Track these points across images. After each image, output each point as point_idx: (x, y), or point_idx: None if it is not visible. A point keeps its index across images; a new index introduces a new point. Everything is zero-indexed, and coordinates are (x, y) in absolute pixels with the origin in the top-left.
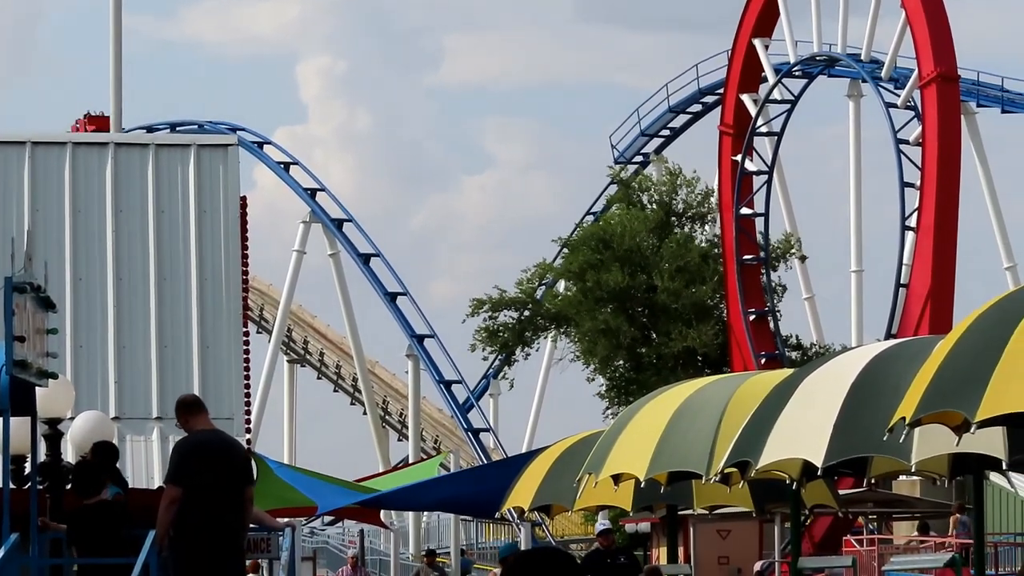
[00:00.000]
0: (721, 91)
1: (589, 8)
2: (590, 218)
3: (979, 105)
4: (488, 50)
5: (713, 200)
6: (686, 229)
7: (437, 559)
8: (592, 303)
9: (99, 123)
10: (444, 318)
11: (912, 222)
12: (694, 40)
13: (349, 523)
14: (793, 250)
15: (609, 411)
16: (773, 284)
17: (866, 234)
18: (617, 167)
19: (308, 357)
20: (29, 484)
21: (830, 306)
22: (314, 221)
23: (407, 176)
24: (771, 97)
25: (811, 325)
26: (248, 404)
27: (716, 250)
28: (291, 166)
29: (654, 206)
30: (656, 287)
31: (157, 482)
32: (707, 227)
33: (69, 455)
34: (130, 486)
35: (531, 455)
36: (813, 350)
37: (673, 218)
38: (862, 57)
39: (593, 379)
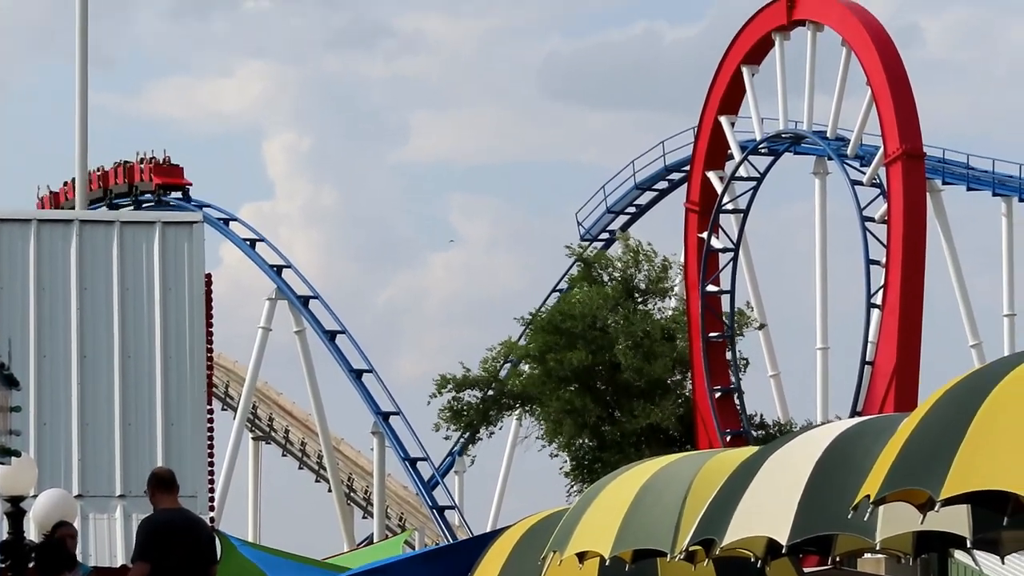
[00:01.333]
0: (687, 168)
1: (554, 86)
2: (556, 295)
3: (945, 183)
4: (454, 127)
5: (671, 274)
6: (648, 305)
7: None
8: (555, 383)
9: (168, 173)
10: (410, 395)
11: (878, 299)
12: (660, 118)
13: None
14: (751, 320)
15: (573, 488)
16: (739, 361)
17: (832, 311)
18: (577, 246)
19: (273, 434)
20: None
21: (796, 383)
22: (280, 298)
23: (373, 253)
24: (737, 174)
25: (776, 402)
26: (212, 482)
27: (674, 324)
28: (257, 243)
29: (615, 283)
30: (619, 364)
31: (120, 560)
32: (667, 301)
33: (32, 533)
34: (93, 565)
35: (496, 533)
36: (778, 427)
37: (636, 295)
38: (828, 134)
39: (557, 455)
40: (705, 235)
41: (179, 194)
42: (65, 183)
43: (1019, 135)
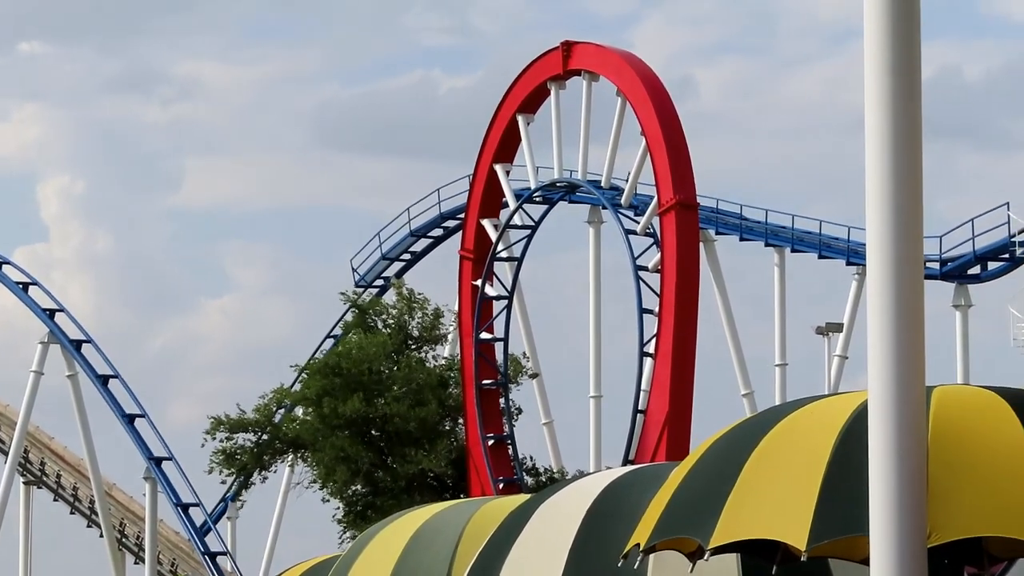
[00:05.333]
0: (462, 216)
1: (329, 133)
2: (330, 342)
3: (718, 233)
4: (228, 173)
5: (445, 321)
6: (422, 352)
7: None
8: (329, 430)
9: None
10: (182, 441)
11: (650, 348)
12: (435, 165)
13: None
14: (526, 369)
15: (346, 534)
16: (512, 408)
17: (605, 360)
18: (351, 292)
19: (45, 479)
20: None
21: (568, 431)
22: (52, 342)
23: (147, 298)
24: (512, 222)
25: (549, 450)
26: None
27: (448, 372)
28: (30, 286)
29: (389, 330)
30: (392, 411)
31: None
32: (440, 348)
33: None
34: None
35: None
36: (550, 475)
37: (410, 342)
38: (602, 184)
39: (329, 501)
40: (479, 282)
41: None
42: None
43: (792, 186)
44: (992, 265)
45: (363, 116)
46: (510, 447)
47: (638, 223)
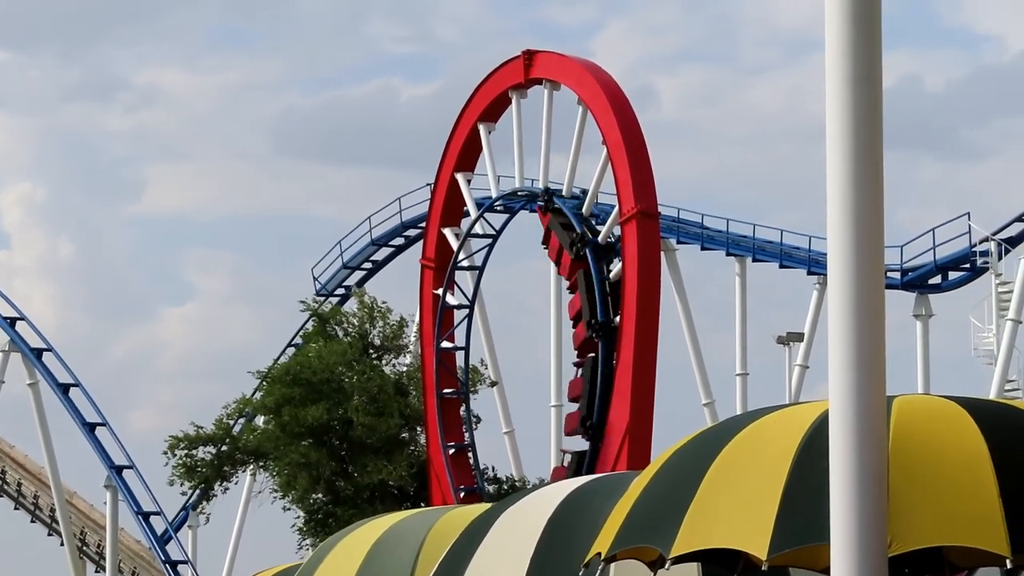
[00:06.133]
0: (423, 224)
1: (291, 141)
2: (291, 350)
3: (679, 242)
4: (190, 181)
5: (407, 331)
6: (383, 361)
7: None
8: (289, 439)
9: None
10: (144, 449)
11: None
12: (397, 174)
13: None
14: (484, 378)
15: (306, 542)
16: (472, 417)
17: (565, 368)
18: (312, 300)
19: (6, 487)
20: None
21: (529, 440)
22: (13, 350)
23: (109, 306)
24: (473, 231)
25: (511, 459)
26: None
27: (409, 380)
28: None
29: (350, 339)
30: (353, 420)
31: None
32: (402, 358)
33: None
34: None
35: None
36: (511, 483)
37: (371, 351)
38: (564, 193)
39: (289, 509)
40: (440, 291)
41: None
42: None
43: (753, 196)
44: (953, 275)
45: (324, 124)
46: (471, 456)
47: (599, 232)
